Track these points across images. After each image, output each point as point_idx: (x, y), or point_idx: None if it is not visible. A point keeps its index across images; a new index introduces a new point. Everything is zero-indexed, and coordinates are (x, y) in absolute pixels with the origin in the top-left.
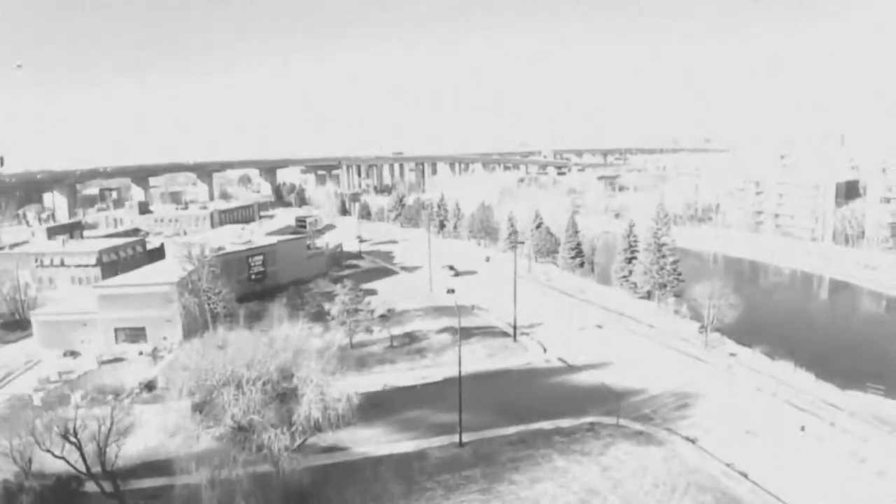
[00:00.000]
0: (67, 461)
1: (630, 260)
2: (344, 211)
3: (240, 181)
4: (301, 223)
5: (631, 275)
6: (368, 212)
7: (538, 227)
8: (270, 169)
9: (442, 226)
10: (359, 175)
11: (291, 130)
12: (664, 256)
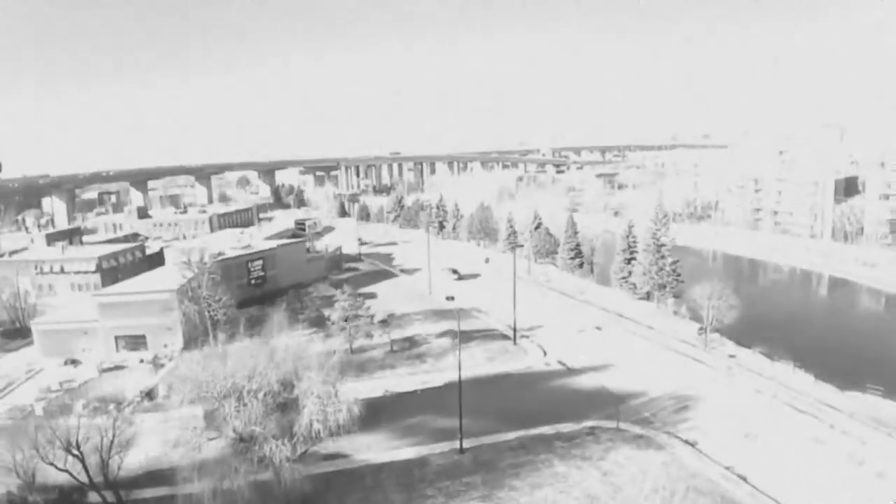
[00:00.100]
0: (70, 473)
1: (629, 261)
2: (343, 212)
3: (238, 183)
4: (300, 226)
5: (630, 275)
6: (367, 213)
7: (537, 228)
8: (269, 171)
9: (441, 227)
10: (357, 176)
11: (291, 131)
12: (663, 257)
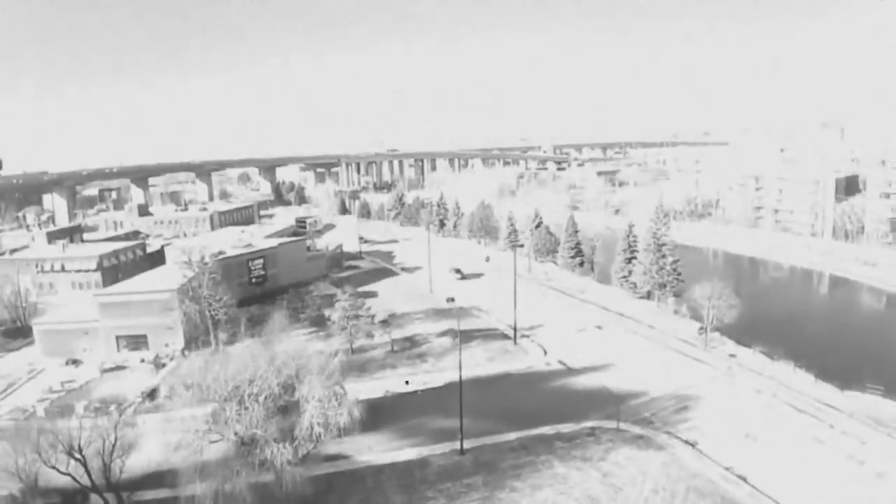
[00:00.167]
0: (73, 477)
1: (630, 260)
2: (343, 209)
3: (239, 180)
4: (301, 224)
5: (631, 275)
6: (368, 210)
7: (538, 227)
8: (270, 167)
9: (442, 224)
10: (358, 172)
11: (291, 130)
12: (664, 256)
